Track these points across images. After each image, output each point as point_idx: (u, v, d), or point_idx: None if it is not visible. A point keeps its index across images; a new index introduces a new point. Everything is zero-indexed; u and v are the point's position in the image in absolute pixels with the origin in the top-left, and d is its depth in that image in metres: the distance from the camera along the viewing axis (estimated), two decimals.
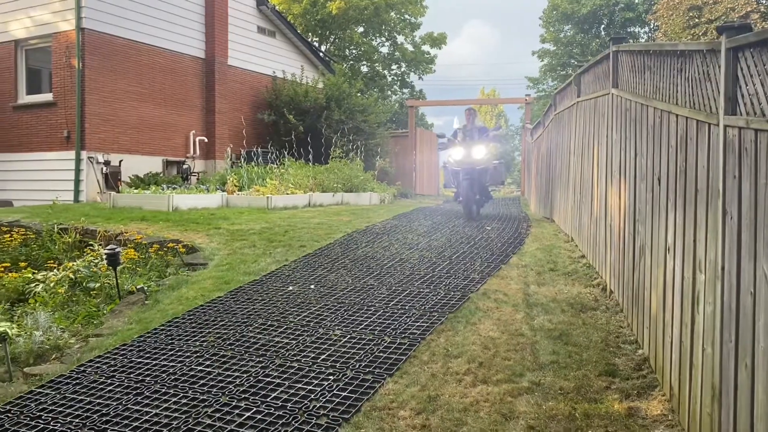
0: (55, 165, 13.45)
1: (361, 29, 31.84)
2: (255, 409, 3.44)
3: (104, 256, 5.90)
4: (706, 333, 2.83)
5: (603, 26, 37.46)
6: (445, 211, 11.17)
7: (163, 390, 3.77)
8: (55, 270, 6.58)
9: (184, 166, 14.66)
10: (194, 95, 15.65)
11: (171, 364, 4.14)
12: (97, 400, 3.70)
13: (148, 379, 3.94)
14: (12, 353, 4.42)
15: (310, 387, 3.67)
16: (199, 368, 4.04)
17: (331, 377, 3.78)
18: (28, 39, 14.06)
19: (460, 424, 3.22)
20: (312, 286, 5.65)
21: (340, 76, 18.68)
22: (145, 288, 5.84)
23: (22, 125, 14.11)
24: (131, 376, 4.02)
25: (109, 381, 3.96)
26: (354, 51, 32.58)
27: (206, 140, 15.62)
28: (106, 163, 13.18)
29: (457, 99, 31.06)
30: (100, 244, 7.24)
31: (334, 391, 3.59)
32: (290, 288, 5.62)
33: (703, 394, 2.84)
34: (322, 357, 4.09)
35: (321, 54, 22.54)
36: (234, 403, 3.52)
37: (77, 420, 3.47)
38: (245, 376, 3.88)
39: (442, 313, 4.78)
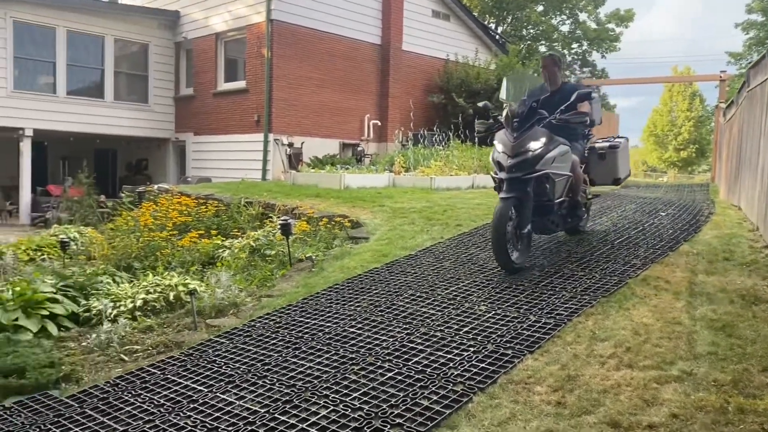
0: (246, 146, 14.86)
1: (540, 8, 30.88)
2: (397, 370, 3.65)
3: (279, 227, 6.49)
4: None
5: None
6: (618, 195, 10.64)
7: (318, 347, 4.13)
8: (239, 238, 7.36)
9: (359, 148, 15.42)
10: (369, 80, 16.33)
11: (327, 324, 4.51)
12: (262, 351, 4.16)
13: (306, 336, 4.33)
14: (198, 307, 5.07)
15: (450, 356, 3.80)
16: (351, 330, 4.36)
17: (471, 349, 3.88)
18: (227, 31, 15.61)
19: (598, 404, 3.16)
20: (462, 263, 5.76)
21: (513, 57, 18.36)
22: (313, 257, 6.34)
23: (220, 110, 15.75)
24: (293, 332, 4.44)
25: (273, 335, 4.42)
26: (531, 31, 31.75)
27: (379, 123, 16.27)
28: (290, 144, 14.29)
29: (642, 77, 29.03)
30: (278, 217, 7.95)
31: (473, 362, 3.68)
32: (444, 264, 5.77)
33: None
34: (465, 329, 4.19)
35: (496, 35, 22.29)
36: (379, 363, 3.77)
37: (244, 366, 3.94)
38: (391, 340, 4.11)
39: (594, 296, 4.64)
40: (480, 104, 5.82)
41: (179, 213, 8.55)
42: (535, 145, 5.14)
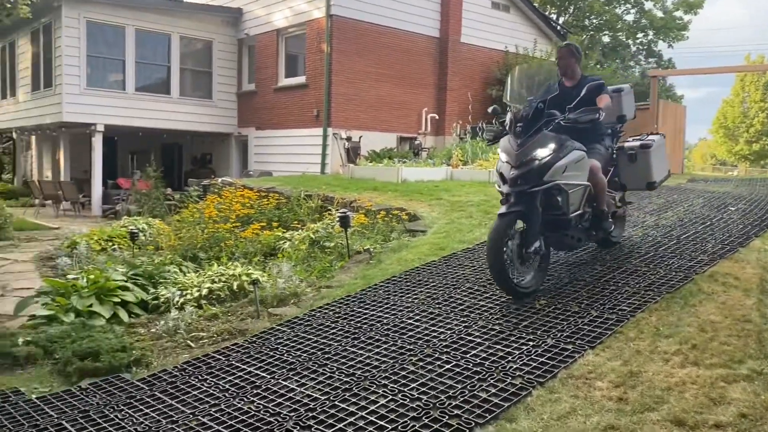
0: (306, 141, 15.09)
1: None
2: (455, 362, 3.67)
3: (338, 219, 6.58)
4: None
5: None
6: (685, 189, 10.28)
7: (376, 337, 4.19)
8: (299, 230, 7.51)
9: (416, 142, 15.42)
10: (427, 74, 16.29)
11: (385, 315, 4.56)
12: (322, 340, 4.25)
13: (365, 326, 4.40)
14: (260, 296, 5.21)
15: (509, 349, 3.79)
16: (408, 321, 4.39)
17: (530, 343, 3.85)
18: (287, 27, 15.85)
19: (661, 402, 3.09)
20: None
21: None
22: (371, 249, 6.40)
23: (280, 105, 16.03)
24: (351, 323, 4.52)
25: (333, 325, 4.51)
26: (594, 20, 30.92)
27: (437, 117, 16.22)
28: (348, 138, 14.43)
29: (712, 67, 27.89)
30: (337, 209, 8.06)
31: (532, 356, 3.66)
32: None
33: None
34: (524, 323, 4.17)
35: (557, 26, 21.83)
36: (436, 355, 3.79)
37: (305, 355, 4.04)
38: (449, 332, 4.13)
39: (658, 292, 4.52)
40: (489, 110, 4.98)
41: (242, 205, 8.78)
42: (543, 153, 4.44)
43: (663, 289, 4.56)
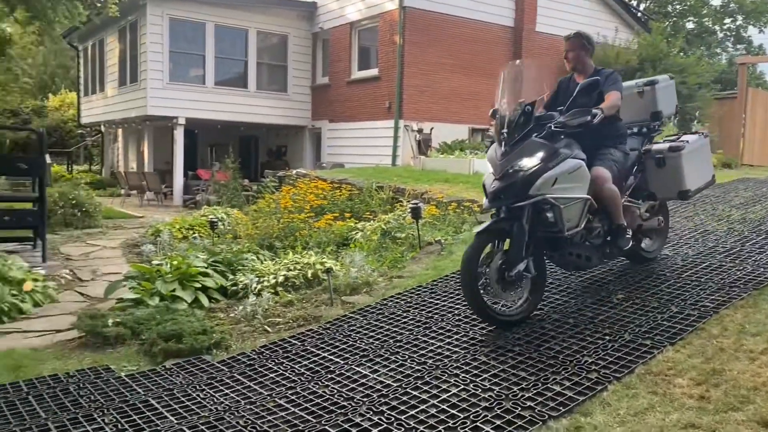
0: (378, 133, 15.19)
1: None
2: (528, 355, 3.64)
3: (409, 211, 6.62)
4: None
5: None
6: None
7: (448, 327, 4.20)
8: (371, 221, 7.59)
9: (488, 133, 15.25)
10: (500, 64, 15.98)
11: (456, 306, 4.56)
12: (394, 329, 4.30)
13: (436, 316, 4.42)
14: (334, 284, 5.32)
15: (584, 343, 3.72)
16: None
17: (606, 337, 3.77)
18: (360, 20, 15.98)
19: (747, 401, 2.96)
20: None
21: (657, 35, 17.24)
22: (442, 240, 6.40)
23: (353, 98, 16.20)
24: (422, 312, 4.55)
25: (404, 314, 4.55)
26: (678, 6, 29.59)
27: None
28: (419, 130, 14.43)
29: None
30: (408, 201, 8.09)
31: (608, 351, 3.58)
32: None
33: None
34: (600, 317, 4.08)
35: (638, 13, 21.04)
36: (508, 347, 3.77)
37: (377, 342, 4.10)
38: (521, 325, 4.08)
39: (744, 288, 4.32)
40: (490, 112, 4.27)
41: (316, 196, 8.95)
42: (529, 163, 3.90)
43: (750, 286, 4.36)
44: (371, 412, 3.13)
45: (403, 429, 2.94)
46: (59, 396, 3.62)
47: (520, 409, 3.02)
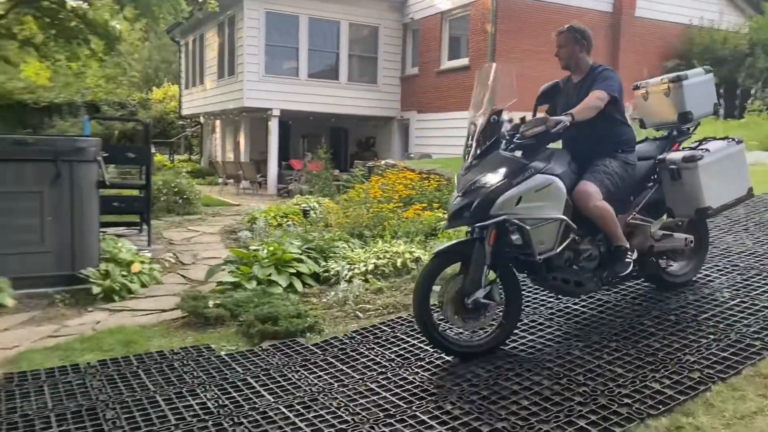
0: (464, 123, 15.03)
1: None
2: (625, 351, 3.52)
3: None
4: None
5: None
6: None
7: (539, 321, 4.13)
8: None
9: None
10: (597, 51, 15.37)
11: (549, 300, 4.47)
12: None
13: (528, 309, 4.34)
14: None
15: (686, 342, 3.56)
16: (574, 307, 4.28)
17: (710, 336, 3.59)
18: (451, 10, 15.86)
19: None
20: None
21: None
22: None
23: (442, 88, 16.13)
24: None
25: None
26: None
27: None
28: (509, 120, 14.17)
29: None
30: None
31: (712, 350, 3.41)
32: None
33: None
34: (704, 316, 3.88)
35: None
36: (604, 342, 3.67)
37: None
38: (619, 320, 3.96)
39: None
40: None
41: (404, 186, 8.99)
42: (491, 179, 3.53)
43: None
44: (461, 401, 3.13)
45: (494, 419, 2.92)
46: (165, 371, 3.85)
47: (616, 405, 2.94)
